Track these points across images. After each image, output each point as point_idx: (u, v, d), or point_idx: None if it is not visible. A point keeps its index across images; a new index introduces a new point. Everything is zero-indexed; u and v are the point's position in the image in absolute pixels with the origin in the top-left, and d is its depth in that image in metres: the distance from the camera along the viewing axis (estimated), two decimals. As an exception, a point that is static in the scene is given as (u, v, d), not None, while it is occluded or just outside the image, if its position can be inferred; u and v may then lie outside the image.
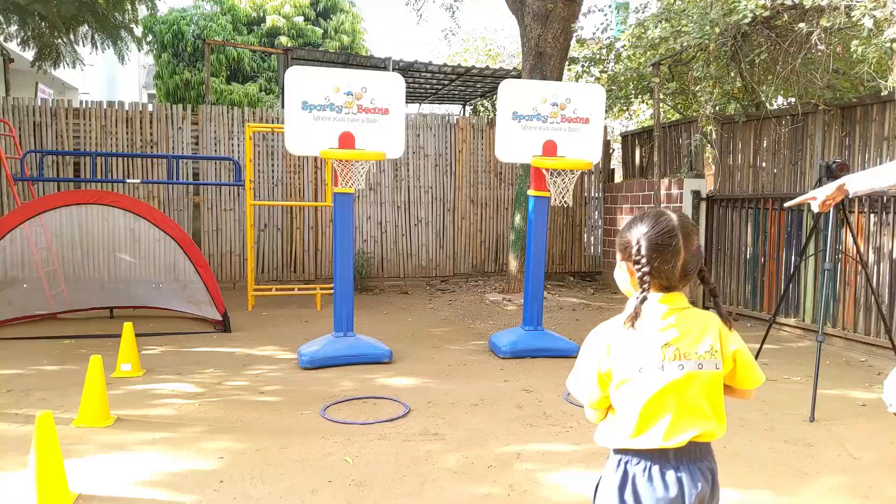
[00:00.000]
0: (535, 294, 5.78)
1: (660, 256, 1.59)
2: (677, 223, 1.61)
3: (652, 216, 1.63)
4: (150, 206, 6.44)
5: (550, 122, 5.50)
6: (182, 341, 6.14)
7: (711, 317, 1.68)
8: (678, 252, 1.60)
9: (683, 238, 1.60)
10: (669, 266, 1.60)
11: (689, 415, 1.61)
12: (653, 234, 1.60)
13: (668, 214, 1.63)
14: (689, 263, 1.62)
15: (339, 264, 5.35)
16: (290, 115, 5.06)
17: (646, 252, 1.59)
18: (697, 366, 1.61)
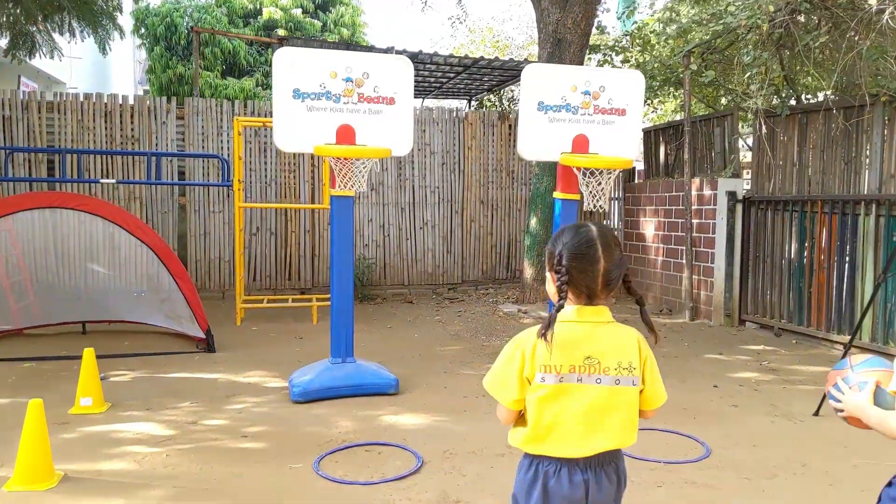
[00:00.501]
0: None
1: (579, 265, 1.64)
2: (597, 234, 1.67)
3: (573, 227, 1.71)
4: (124, 211, 5.69)
5: (582, 113, 4.75)
6: (158, 364, 5.40)
7: (632, 333, 1.74)
8: (597, 261, 1.64)
9: (603, 248, 1.65)
10: (589, 275, 1.65)
11: (602, 428, 1.68)
12: (572, 244, 1.66)
13: (589, 226, 1.70)
14: (610, 273, 1.65)
15: (337, 281, 4.60)
16: (280, 104, 4.31)
17: (566, 262, 1.64)
18: (615, 381, 1.67)
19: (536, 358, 1.65)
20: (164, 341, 6.09)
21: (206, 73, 18.06)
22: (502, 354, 1.73)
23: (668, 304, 8.02)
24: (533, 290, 7.76)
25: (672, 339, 6.66)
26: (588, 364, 1.65)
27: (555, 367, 1.64)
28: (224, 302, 8.02)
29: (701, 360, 5.86)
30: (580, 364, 1.65)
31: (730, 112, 7.47)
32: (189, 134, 8.02)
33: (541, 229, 7.70)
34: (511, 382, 1.69)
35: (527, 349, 1.67)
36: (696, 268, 7.49)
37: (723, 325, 7.22)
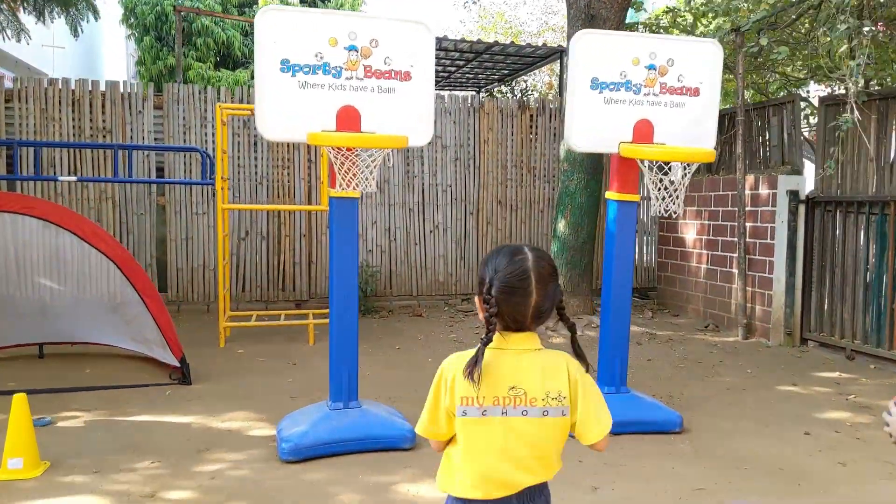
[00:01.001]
0: (618, 343, 4.06)
1: (509, 299, 1.53)
2: (532, 265, 1.55)
3: (507, 254, 1.58)
4: (79, 216, 4.72)
5: (645, 93, 3.78)
6: (121, 402, 4.43)
7: (560, 358, 1.61)
8: (529, 295, 1.53)
9: (537, 281, 1.54)
10: (519, 309, 1.54)
11: (529, 465, 1.57)
12: (504, 274, 1.54)
13: (525, 254, 1.57)
14: (541, 305, 1.55)
15: (338, 308, 3.63)
16: (263, 80, 3.34)
17: (495, 293, 1.53)
18: (542, 412, 1.55)
19: (457, 389, 1.56)
20: (133, 368, 5.13)
21: (199, 64, 17.09)
22: (432, 387, 1.61)
23: (713, 319, 7.05)
24: (561, 303, 6.79)
25: (729, 363, 5.69)
26: (513, 395, 1.55)
27: (477, 398, 1.55)
28: (209, 315, 7.05)
29: (773, 393, 4.89)
30: (505, 395, 1.55)
31: (789, 99, 6.49)
32: (169, 125, 7.04)
33: (570, 233, 6.73)
34: (440, 420, 1.61)
35: (447, 378, 1.58)
36: (751, 278, 6.52)
37: (782, 344, 6.25)
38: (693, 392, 4.89)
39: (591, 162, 6.66)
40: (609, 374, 4.08)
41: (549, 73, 14.16)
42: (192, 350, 5.55)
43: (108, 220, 6.95)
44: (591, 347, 6.10)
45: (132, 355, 5.28)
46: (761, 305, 6.44)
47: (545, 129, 7.91)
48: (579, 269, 6.76)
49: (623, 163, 3.84)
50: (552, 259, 1.63)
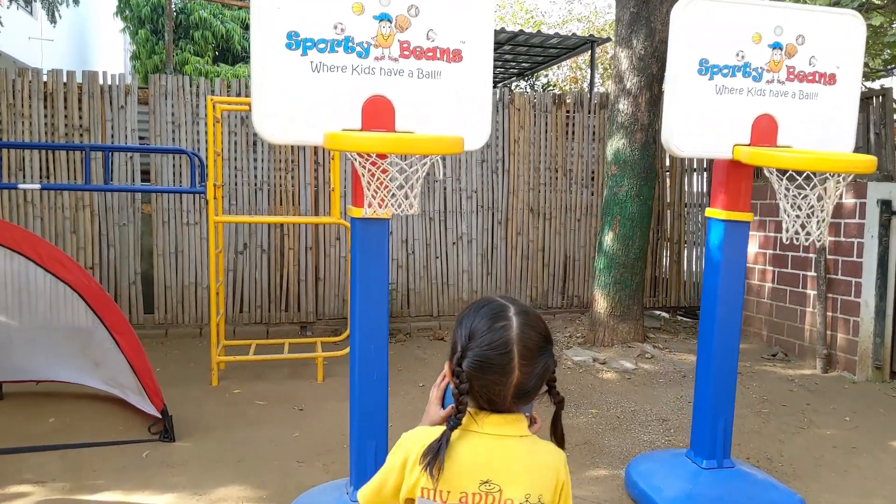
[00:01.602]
0: (723, 402, 3.14)
1: (483, 376, 1.24)
2: (515, 334, 1.23)
3: (487, 316, 1.26)
4: (33, 236, 3.79)
5: (768, 79, 2.86)
6: (87, 467, 3.54)
7: (556, 458, 1.31)
8: (509, 373, 1.23)
9: (521, 356, 1.23)
10: (496, 389, 1.24)
11: None
12: (480, 346, 1.24)
13: (509, 319, 1.25)
14: (524, 385, 1.24)
15: (362, 364, 2.72)
16: (263, 59, 2.43)
17: (466, 367, 1.24)
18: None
19: (416, 475, 1.25)
20: (105, 414, 4.23)
21: (196, 58, 16.20)
22: (388, 457, 1.32)
23: (781, 346, 6.13)
24: (608, 328, 5.87)
25: (818, 406, 4.77)
26: (485, 492, 1.24)
27: (440, 492, 1.24)
28: (201, 341, 6.14)
29: (891, 454, 3.98)
30: (475, 491, 1.24)
31: (878, 92, 5.58)
32: (155, 122, 6.12)
33: (619, 247, 5.81)
34: (380, 498, 1.32)
35: (410, 459, 1.27)
36: (831, 302, 5.60)
37: (870, 379, 5.34)
38: (794, 452, 3.98)
39: (645, 165, 5.75)
40: (710, 444, 3.16)
41: (570, 68, 13.22)
42: (179, 390, 4.68)
43: (86, 232, 6.04)
44: (648, 384, 5.21)
45: (104, 396, 4.38)
46: (844, 333, 5.52)
47: (583, 126, 6.99)
48: (629, 289, 5.84)
49: (734, 171, 2.93)
50: (544, 323, 1.30)
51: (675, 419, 4.47)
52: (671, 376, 5.38)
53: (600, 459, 3.81)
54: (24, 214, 5.92)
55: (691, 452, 3.31)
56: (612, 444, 4.03)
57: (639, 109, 5.66)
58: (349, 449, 2.92)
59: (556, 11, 14.33)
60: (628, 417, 4.48)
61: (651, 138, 5.75)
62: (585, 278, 7.09)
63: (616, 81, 5.79)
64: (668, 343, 6.22)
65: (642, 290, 6.05)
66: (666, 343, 6.20)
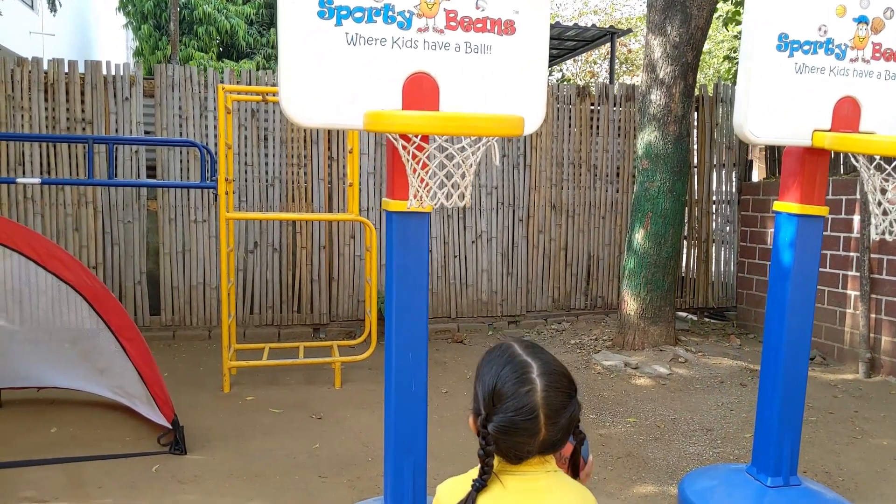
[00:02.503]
0: (791, 417, 2.85)
1: (509, 439, 1.25)
2: (541, 399, 1.23)
3: (511, 379, 1.25)
4: (33, 233, 3.50)
5: (852, 57, 2.56)
6: (92, 482, 3.26)
7: (585, 493, 1.32)
8: (536, 433, 1.24)
9: (547, 417, 1.24)
10: (522, 447, 1.26)
11: None
12: (505, 412, 1.24)
13: (534, 383, 1.24)
14: (550, 440, 1.25)
15: (399, 376, 2.44)
16: (291, 30, 2.14)
17: (492, 430, 1.25)
18: None
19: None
20: (111, 424, 3.96)
21: (200, 54, 15.94)
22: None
23: (819, 349, 5.83)
24: (638, 330, 5.58)
25: (867, 414, 4.48)
26: None
27: None
28: (210, 344, 5.86)
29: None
30: None
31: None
32: (161, 115, 5.84)
33: (651, 246, 5.51)
34: None
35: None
36: (876, 303, 5.31)
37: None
38: (852, 465, 3.69)
39: (678, 159, 5.45)
40: (776, 461, 2.87)
41: (584, 62, 12.92)
42: (189, 397, 4.40)
43: (89, 230, 5.76)
44: (685, 391, 4.91)
45: (110, 404, 4.10)
46: (890, 336, 5.23)
47: (608, 119, 6.70)
48: (661, 290, 5.54)
49: (811, 160, 2.63)
50: (568, 377, 1.28)
51: (720, 429, 4.18)
52: (708, 382, 5.08)
53: (646, 474, 3.52)
54: (23, 211, 5.64)
55: (753, 469, 3.02)
56: (656, 457, 3.74)
57: (672, 100, 5.36)
58: (384, 466, 2.63)
59: (571, 4, 13.99)
60: (669, 427, 4.19)
61: (685, 131, 5.46)
62: (610, 278, 6.79)
63: (648, 71, 5.50)
64: (700, 346, 5.92)
65: (674, 292, 5.76)
66: (698, 346, 5.90)
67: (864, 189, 5.16)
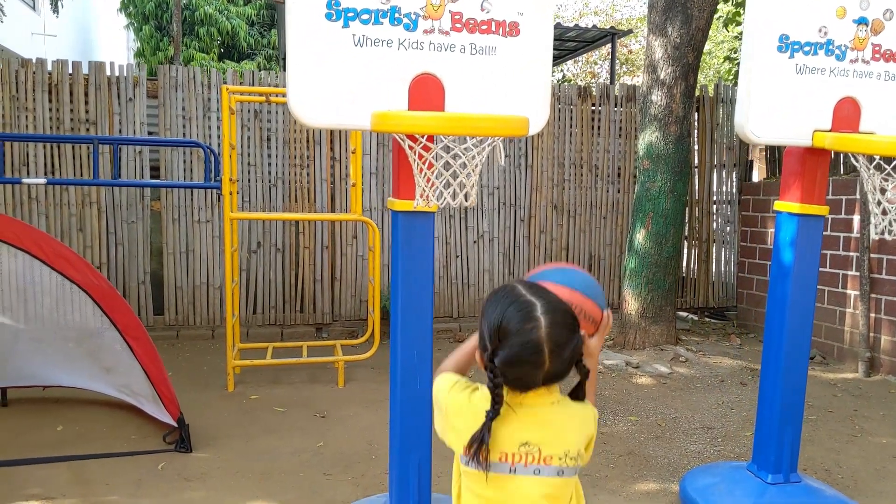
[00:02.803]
0: (791, 414, 2.89)
1: (516, 370, 1.33)
2: (545, 334, 1.30)
3: (516, 317, 1.32)
4: (39, 232, 3.53)
5: (852, 58, 2.60)
6: (99, 480, 3.29)
7: (584, 413, 1.44)
8: (541, 365, 1.32)
9: (551, 352, 1.31)
10: (527, 379, 1.35)
11: None
12: (511, 348, 1.31)
13: (538, 320, 1.31)
14: (555, 372, 1.34)
15: (404, 370, 2.47)
16: (299, 31, 2.17)
17: (499, 363, 1.33)
18: (557, 472, 1.38)
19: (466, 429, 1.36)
20: (117, 423, 3.98)
21: (202, 55, 15.98)
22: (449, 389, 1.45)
23: (818, 349, 5.86)
24: (640, 330, 5.61)
25: (866, 412, 4.51)
26: (525, 452, 1.36)
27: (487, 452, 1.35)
28: (213, 343, 5.89)
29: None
30: (514, 451, 1.36)
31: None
32: (165, 115, 5.87)
33: (652, 246, 5.55)
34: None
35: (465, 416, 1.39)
36: (875, 302, 5.34)
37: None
38: (852, 462, 3.72)
39: (679, 159, 5.48)
40: (776, 458, 2.90)
41: (584, 63, 12.95)
42: (194, 395, 4.43)
43: (93, 230, 5.79)
44: (686, 389, 4.94)
45: (115, 402, 4.13)
46: (889, 336, 5.26)
47: (609, 120, 6.73)
48: (662, 290, 5.58)
49: (811, 160, 2.67)
50: (570, 314, 1.35)
51: (721, 427, 4.21)
52: (708, 381, 5.11)
53: (648, 472, 3.55)
54: (28, 211, 5.67)
55: (754, 466, 3.05)
56: (657, 455, 3.77)
57: (673, 101, 5.39)
58: (389, 462, 2.66)
59: (572, 5, 14.02)
60: (670, 425, 4.22)
61: (686, 131, 5.49)
62: (611, 278, 6.82)
63: (649, 71, 5.53)
64: (700, 346, 5.95)
65: (675, 291, 5.78)
66: (698, 346, 5.93)
67: (864, 189, 5.20)
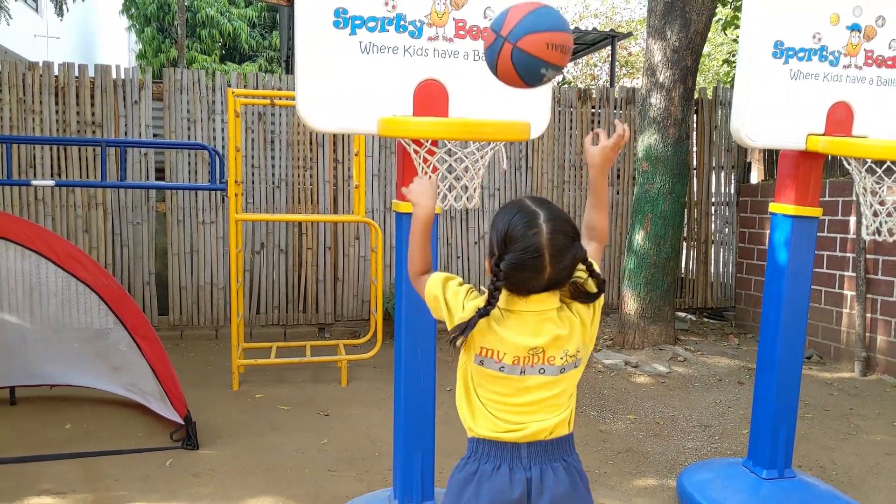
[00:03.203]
0: (785, 411, 2.96)
1: (518, 274, 1.47)
2: (546, 240, 1.44)
3: (520, 223, 1.46)
4: (50, 233, 3.60)
5: (845, 64, 2.67)
6: (108, 476, 3.36)
7: (583, 309, 1.58)
8: (542, 270, 1.46)
9: (551, 256, 1.44)
10: (530, 283, 1.48)
11: (541, 410, 1.57)
12: (514, 251, 1.45)
13: (539, 227, 1.45)
14: (556, 278, 1.47)
15: (408, 368, 2.55)
16: (308, 38, 2.24)
17: (504, 267, 1.47)
18: (560, 370, 1.56)
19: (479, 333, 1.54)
20: (124, 420, 4.05)
21: (204, 56, 16.06)
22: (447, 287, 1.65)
23: (816, 349, 5.93)
24: (639, 330, 5.68)
25: (862, 411, 4.58)
26: (532, 354, 1.53)
27: (498, 352, 1.54)
28: (217, 343, 5.97)
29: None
30: (524, 356, 1.53)
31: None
32: (170, 118, 5.94)
33: (651, 247, 5.62)
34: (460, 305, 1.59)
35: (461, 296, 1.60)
36: (871, 302, 5.41)
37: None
38: (847, 459, 3.79)
39: (678, 161, 5.56)
40: (771, 453, 2.97)
41: (584, 65, 13.03)
42: (199, 393, 4.50)
43: (99, 231, 5.86)
44: (683, 388, 5.01)
45: (122, 401, 4.20)
46: (885, 335, 5.33)
47: (608, 122, 6.80)
48: (661, 289, 5.65)
49: (805, 163, 2.74)
50: (570, 223, 1.49)
51: (718, 425, 4.28)
52: (706, 380, 5.18)
53: (646, 468, 3.62)
54: (35, 213, 5.74)
55: (749, 462, 3.12)
56: (655, 452, 3.84)
57: (672, 104, 5.47)
58: (394, 457, 2.73)
59: (572, 7, 14.08)
60: (668, 423, 4.29)
61: (684, 133, 5.57)
62: (611, 279, 6.89)
63: (648, 74, 5.60)
64: (698, 346, 6.02)
65: (673, 292, 5.86)
66: (696, 346, 6.01)
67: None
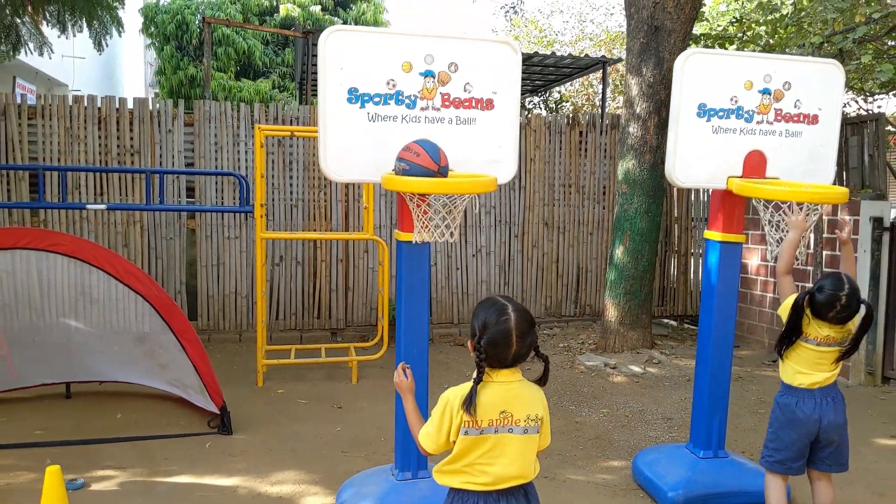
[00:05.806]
0: (717, 402, 3.59)
1: (494, 350, 1.98)
2: (514, 325, 1.98)
3: (495, 313, 2.00)
4: (111, 252, 4.31)
5: (758, 120, 3.32)
6: (158, 456, 4.03)
7: (539, 392, 2.10)
8: (511, 346, 1.98)
9: (517, 337, 1.98)
10: (503, 356, 1.99)
11: (511, 466, 2.02)
12: (491, 334, 1.97)
13: (509, 315, 1.99)
14: (519, 352, 2.00)
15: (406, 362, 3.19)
16: (328, 110, 2.91)
17: (484, 344, 1.98)
18: (524, 431, 2.03)
19: (460, 415, 2.00)
20: (166, 412, 4.73)
21: (220, 74, 16.81)
22: (435, 413, 2.07)
23: (781, 352, 6.52)
24: (619, 335, 6.32)
25: (813, 408, 5.18)
26: (503, 417, 2.01)
27: (476, 421, 1.99)
28: (241, 346, 6.65)
29: (873, 448, 4.40)
30: (496, 418, 2.00)
31: (871, 117, 6.01)
32: (200, 144, 6.66)
33: (629, 261, 6.26)
34: (441, 438, 2.04)
35: (454, 409, 2.01)
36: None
37: (863, 384, 5.75)
38: (785, 447, 4.40)
39: (653, 184, 6.20)
40: (706, 437, 3.61)
41: (581, 84, 13.70)
42: (229, 390, 5.15)
43: (136, 245, 6.57)
44: (655, 387, 5.64)
45: (163, 395, 4.89)
46: (839, 340, 5.92)
47: (595, 145, 7.46)
48: (639, 299, 6.29)
49: (729, 198, 3.38)
50: (530, 315, 2.03)
51: (679, 418, 4.90)
52: (676, 380, 5.81)
53: (611, 453, 4.25)
54: (79, 230, 6.45)
55: (690, 445, 3.75)
56: (621, 440, 4.47)
57: (648, 132, 6.11)
58: (395, 438, 3.39)
59: (569, 31, 14.76)
60: (636, 416, 4.92)
61: (659, 159, 6.20)
62: (597, 288, 7.54)
63: (627, 106, 6.25)
64: (674, 349, 6.65)
65: (650, 301, 6.49)
66: (672, 349, 6.64)
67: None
